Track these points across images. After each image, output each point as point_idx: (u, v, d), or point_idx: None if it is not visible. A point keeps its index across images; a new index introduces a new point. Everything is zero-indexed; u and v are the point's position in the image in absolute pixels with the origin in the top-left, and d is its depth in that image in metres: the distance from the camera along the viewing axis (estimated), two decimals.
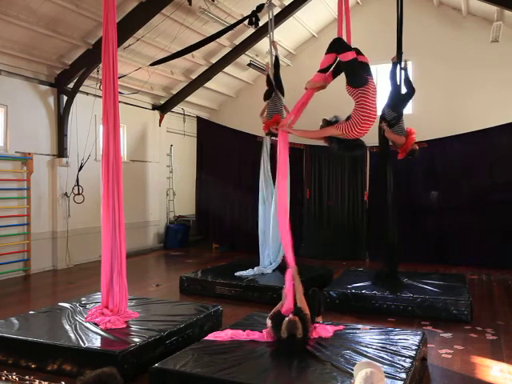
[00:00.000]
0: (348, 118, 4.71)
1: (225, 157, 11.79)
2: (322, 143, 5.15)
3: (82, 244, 9.76)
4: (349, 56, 4.65)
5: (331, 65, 4.90)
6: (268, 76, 8.05)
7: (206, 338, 4.48)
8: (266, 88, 7.96)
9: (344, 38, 5.16)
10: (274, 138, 7.87)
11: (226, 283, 7.13)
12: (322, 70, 4.89)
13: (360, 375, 2.73)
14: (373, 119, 4.68)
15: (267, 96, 7.85)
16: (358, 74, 4.66)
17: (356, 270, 8.18)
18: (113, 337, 4.49)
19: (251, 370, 3.75)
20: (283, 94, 7.88)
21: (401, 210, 7.67)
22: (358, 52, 4.82)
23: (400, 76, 6.91)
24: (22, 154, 8.82)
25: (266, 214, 8.33)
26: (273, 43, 8.20)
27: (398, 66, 6.96)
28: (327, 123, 4.85)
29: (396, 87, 6.91)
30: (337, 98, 7.12)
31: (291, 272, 4.81)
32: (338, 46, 4.78)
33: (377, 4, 11.42)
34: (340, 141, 4.80)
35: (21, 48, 8.40)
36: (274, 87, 7.80)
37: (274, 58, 8.09)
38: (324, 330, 4.60)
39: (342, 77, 4.85)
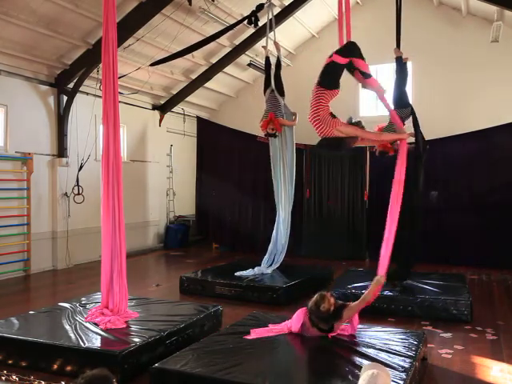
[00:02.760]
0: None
1: (225, 157, 11.79)
2: None
3: (82, 244, 9.76)
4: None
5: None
6: (267, 58, 8.08)
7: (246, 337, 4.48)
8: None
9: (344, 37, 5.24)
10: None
11: (226, 283, 7.13)
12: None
13: (366, 373, 2.75)
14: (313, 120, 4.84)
15: (265, 85, 7.91)
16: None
17: (356, 270, 8.18)
18: (113, 337, 4.49)
19: (251, 369, 3.74)
20: (283, 95, 7.88)
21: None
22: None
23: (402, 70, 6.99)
24: (22, 154, 8.82)
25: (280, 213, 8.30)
26: (275, 44, 8.21)
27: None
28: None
29: (400, 83, 6.94)
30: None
31: (376, 280, 4.70)
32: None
33: (377, 4, 11.41)
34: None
35: (21, 48, 8.40)
36: (272, 84, 7.83)
37: (276, 58, 8.12)
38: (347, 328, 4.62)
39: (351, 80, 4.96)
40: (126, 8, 8.43)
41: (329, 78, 4.85)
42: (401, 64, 7.01)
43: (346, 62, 4.88)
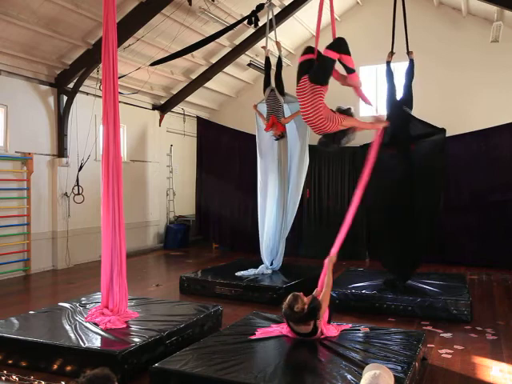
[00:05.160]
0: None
1: (225, 157, 11.79)
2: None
3: (82, 244, 9.76)
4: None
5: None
6: (267, 58, 8.09)
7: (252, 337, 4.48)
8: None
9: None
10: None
11: (226, 283, 7.13)
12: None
13: (368, 373, 2.75)
14: (316, 119, 4.77)
15: (265, 84, 7.90)
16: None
17: (356, 270, 8.18)
18: (113, 337, 4.48)
19: (251, 369, 3.74)
20: (283, 94, 7.86)
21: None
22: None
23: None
24: (22, 154, 8.82)
25: (271, 210, 8.28)
26: (276, 43, 8.20)
27: (409, 59, 7.06)
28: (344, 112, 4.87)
29: (393, 86, 6.93)
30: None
31: (328, 260, 4.81)
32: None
33: (376, 4, 11.41)
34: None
35: (21, 48, 8.40)
36: (272, 83, 7.83)
37: (277, 58, 8.11)
38: (331, 329, 4.59)
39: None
40: (126, 8, 8.43)
41: (324, 74, 4.74)
42: (389, 68, 7.04)
43: (337, 57, 4.77)
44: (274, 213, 8.21)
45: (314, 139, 5.70)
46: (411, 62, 7.14)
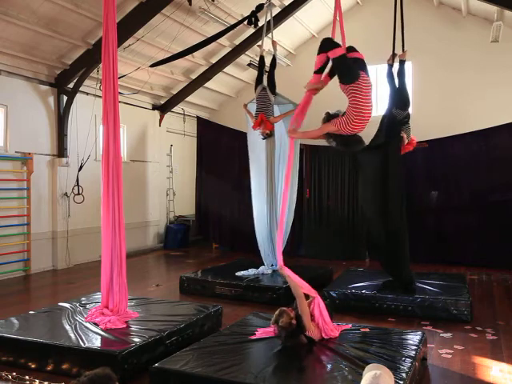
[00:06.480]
0: (343, 114, 4.69)
1: (225, 157, 11.79)
2: (320, 143, 5.13)
3: (82, 244, 9.76)
4: (337, 52, 4.68)
5: (325, 65, 4.91)
6: (261, 57, 8.08)
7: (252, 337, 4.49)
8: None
9: (338, 38, 5.20)
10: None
11: (226, 283, 7.13)
12: (317, 71, 4.92)
13: (369, 374, 2.76)
14: (366, 116, 4.63)
15: (257, 82, 7.87)
16: (347, 70, 4.68)
17: (356, 270, 8.17)
18: (113, 337, 4.49)
19: (251, 369, 3.75)
20: (274, 93, 7.87)
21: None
22: (352, 49, 4.85)
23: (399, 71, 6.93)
24: (22, 154, 8.82)
25: (270, 213, 8.26)
26: (273, 43, 8.22)
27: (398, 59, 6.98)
28: (328, 117, 4.78)
29: (394, 88, 6.90)
30: (335, 97, 7.00)
31: (280, 271, 4.73)
32: (327, 44, 4.82)
33: (376, 4, 11.42)
34: (337, 136, 4.75)
35: (21, 48, 8.40)
36: (264, 82, 7.83)
37: (272, 57, 8.13)
38: (331, 330, 4.58)
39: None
40: (126, 8, 8.43)
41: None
42: (390, 71, 6.99)
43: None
44: (265, 214, 8.19)
45: (309, 140, 5.69)
46: (402, 62, 7.07)
